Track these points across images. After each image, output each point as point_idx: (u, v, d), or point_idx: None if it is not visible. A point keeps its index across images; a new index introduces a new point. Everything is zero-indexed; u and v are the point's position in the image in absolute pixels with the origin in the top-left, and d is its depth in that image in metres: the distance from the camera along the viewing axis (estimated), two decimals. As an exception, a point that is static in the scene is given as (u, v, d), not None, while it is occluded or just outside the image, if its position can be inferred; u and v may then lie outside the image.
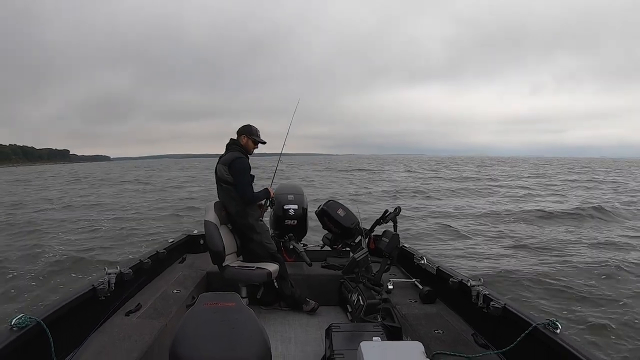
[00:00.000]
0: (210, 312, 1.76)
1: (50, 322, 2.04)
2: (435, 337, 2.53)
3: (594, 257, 8.15)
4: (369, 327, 2.53)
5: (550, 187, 25.38)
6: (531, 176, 37.72)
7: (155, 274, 3.57)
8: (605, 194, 21.19)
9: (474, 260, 8.03)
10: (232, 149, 3.49)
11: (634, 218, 13.67)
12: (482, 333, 2.53)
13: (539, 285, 6.45)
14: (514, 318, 2.23)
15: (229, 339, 1.66)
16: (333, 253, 4.15)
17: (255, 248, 3.50)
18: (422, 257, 3.60)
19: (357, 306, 3.07)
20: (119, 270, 2.84)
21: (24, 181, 39.63)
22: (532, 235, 10.52)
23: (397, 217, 3.64)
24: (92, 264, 7.81)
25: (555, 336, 1.93)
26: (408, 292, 3.40)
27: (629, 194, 21.61)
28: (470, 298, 2.65)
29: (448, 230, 11.22)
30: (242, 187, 3.37)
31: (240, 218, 3.45)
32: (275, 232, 4.14)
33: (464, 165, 65.60)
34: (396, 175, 39.25)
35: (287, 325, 3.35)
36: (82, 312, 2.41)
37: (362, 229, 3.85)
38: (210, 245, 3.20)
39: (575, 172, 45.85)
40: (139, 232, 11.40)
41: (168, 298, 3.10)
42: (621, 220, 13.25)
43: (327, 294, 3.74)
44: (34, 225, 12.77)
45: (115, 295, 2.74)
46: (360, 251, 3.35)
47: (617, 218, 13.51)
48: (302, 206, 4.13)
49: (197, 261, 4.12)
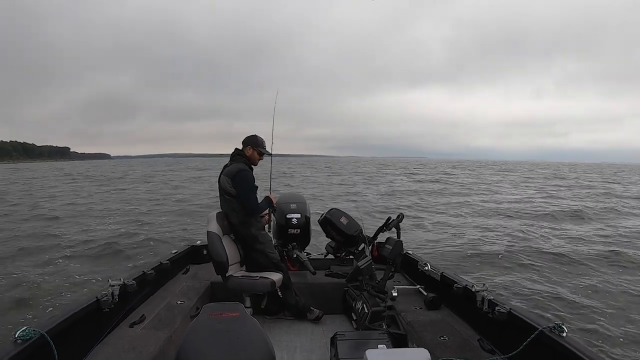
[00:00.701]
0: (214, 322, 1.76)
1: (54, 335, 2.03)
2: (441, 343, 2.51)
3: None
4: (374, 334, 2.52)
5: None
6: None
7: (159, 285, 3.56)
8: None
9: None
10: (236, 159, 3.49)
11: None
12: (488, 338, 2.51)
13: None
14: (520, 322, 2.22)
15: (233, 349, 1.65)
16: (337, 261, 4.14)
17: (258, 258, 3.50)
18: (426, 263, 3.59)
19: (362, 314, 3.06)
20: (123, 281, 2.85)
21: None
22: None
23: (400, 223, 3.63)
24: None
25: (561, 340, 1.92)
26: (413, 298, 3.39)
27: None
28: (475, 303, 2.64)
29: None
30: (245, 199, 3.37)
31: (243, 228, 3.45)
32: (279, 242, 4.13)
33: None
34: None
35: (292, 335, 3.33)
36: (86, 324, 2.41)
37: (365, 236, 3.84)
38: (214, 255, 3.20)
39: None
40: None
41: (172, 309, 3.09)
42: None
43: (332, 302, 3.72)
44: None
45: (119, 306, 2.74)
46: (363, 259, 3.34)
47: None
48: (304, 215, 4.13)
49: (201, 272, 4.12)
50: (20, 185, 31.80)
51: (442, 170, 60.33)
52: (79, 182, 35.92)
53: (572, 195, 23.21)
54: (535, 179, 40.61)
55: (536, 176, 46.58)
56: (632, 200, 21.05)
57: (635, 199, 22.17)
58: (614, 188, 29.97)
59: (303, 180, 32.18)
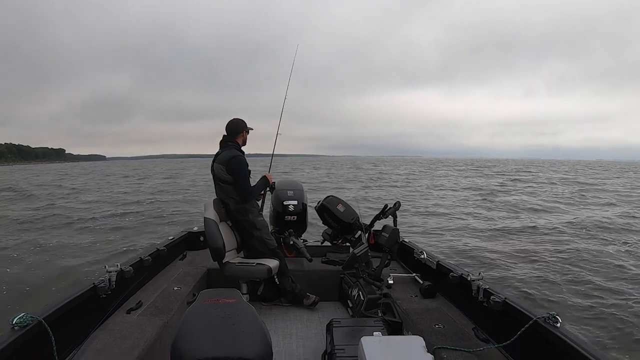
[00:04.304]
0: (211, 308, 1.76)
1: (52, 321, 2.03)
2: (436, 331, 2.53)
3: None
4: (370, 322, 2.54)
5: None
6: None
7: (156, 272, 3.57)
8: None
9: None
10: (228, 146, 3.46)
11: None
12: (483, 327, 2.54)
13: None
14: (514, 312, 2.24)
15: (230, 336, 1.65)
16: (333, 248, 4.15)
17: (255, 244, 3.50)
18: (422, 251, 3.60)
19: (358, 301, 3.08)
20: (120, 268, 2.84)
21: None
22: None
23: (396, 211, 3.63)
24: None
25: (555, 330, 1.93)
26: (408, 287, 3.41)
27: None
28: (470, 292, 2.66)
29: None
30: (241, 185, 3.36)
31: (240, 215, 3.45)
32: (275, 228, 4.14)
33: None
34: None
35: (288, 321, 3.35)
36: (83, 311, 2.41)
37: (362, 224, 3.84)
38: (211, 242, 3.20)
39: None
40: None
41: (169, 295, 3.10)
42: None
43: (328, 289, 3.74)
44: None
45: (116, 293, 2.74)
46: (360, 246, 3.35)
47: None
48: (301, 202, 4.12)
49: (198, 258, 4.12)
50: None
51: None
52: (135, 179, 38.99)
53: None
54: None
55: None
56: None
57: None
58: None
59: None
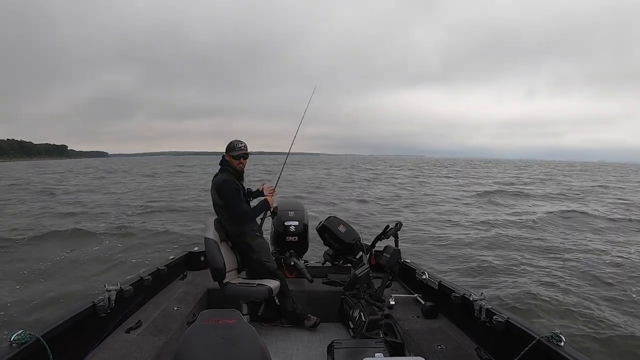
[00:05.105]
0: (211, 329, 1.75)
1: (50, 339, 2.02)
2: (438, 352, 2.50)
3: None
4: (371, 343, 2.51)
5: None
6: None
7: (156, 291, 3.55)
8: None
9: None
10: (222, 169, 3.45)
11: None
12: (486, 347, 2.50)
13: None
14: (517, 332, 2.22)
15: (230, 357, 1.65)
16: (334, 269, 4.13)
17: (254, 266, 3.49)
18: (424, 272, 3.58)
19: (359, 322, 3.05)
20: (120, 287, 2.84)
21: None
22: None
23: (398, 232, 3.64)
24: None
25: (559, 349, 1.92)
26: (410, 307, 3.38)
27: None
28: (472, 312, 2.64)
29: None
30: (233, 209, 3.33)
31: (236, 238, 3.46)
32: (276, 249, 4.13)
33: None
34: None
35: (289, 342, 3.31)
36: (82, 329, 2.40)
37: (363, 244, 3.84)
38: (211, 262, 3.19)
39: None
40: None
41: (169, 315, 3.08)
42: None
43: (329, 310, 3.71)
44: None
45: (115, 312, 2.73)
46: (361, 267, 3.33)
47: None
48: (302, 222, 4.13)
49: (198, 278, 4.10)
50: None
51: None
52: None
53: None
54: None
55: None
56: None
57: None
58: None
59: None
